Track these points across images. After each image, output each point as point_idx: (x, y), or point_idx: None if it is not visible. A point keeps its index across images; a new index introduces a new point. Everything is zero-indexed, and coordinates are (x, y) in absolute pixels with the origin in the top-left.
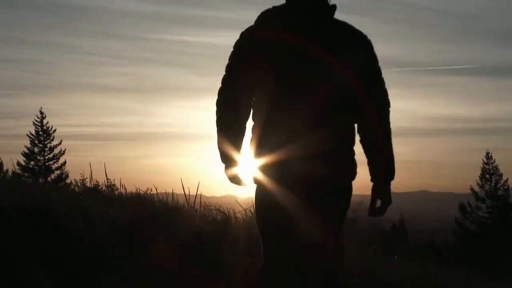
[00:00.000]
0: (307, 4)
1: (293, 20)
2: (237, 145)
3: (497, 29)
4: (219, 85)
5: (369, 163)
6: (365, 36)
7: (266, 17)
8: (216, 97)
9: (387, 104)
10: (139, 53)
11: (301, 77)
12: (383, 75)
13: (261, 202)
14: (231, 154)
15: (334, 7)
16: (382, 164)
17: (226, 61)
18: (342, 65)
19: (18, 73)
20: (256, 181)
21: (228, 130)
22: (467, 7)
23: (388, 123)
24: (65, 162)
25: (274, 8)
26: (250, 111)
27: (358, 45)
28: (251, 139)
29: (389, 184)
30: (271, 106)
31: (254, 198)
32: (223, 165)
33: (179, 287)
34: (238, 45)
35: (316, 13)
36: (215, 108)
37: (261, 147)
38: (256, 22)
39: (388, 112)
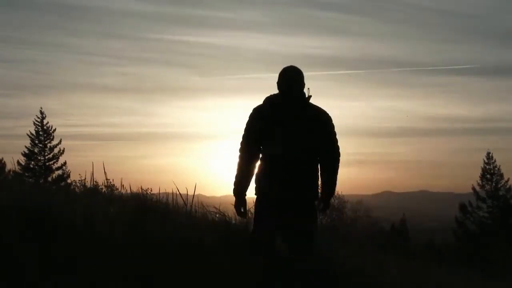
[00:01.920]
0: (292, 98)
1: (284, 104)
2: (247, 182)
3: (497, 29)
4: (219, 85)
5: (322, 184)
6: (327, 114)
7: (269, 100)
8: (214, 98)
9: (338, 154)
10: (139, 53)
11: (286, 135)
12: (385, 75)
13: (259, 193)
14: (241, 193)
15: (309, 98)
16: (329, 187)
17: (226, 62)
18: (311, 129)
19: (18, 73)
20: (257, 188)
21: (243, 184)
22: (467, 7)
23: (337, 164)
24: (65, 162)
25: (275, 95)
26: (259, 155)
27: (322, 119)
28: (259, 167)
29: (330, 197)
30: (270, 151)
31: (255, 196)
32: (234, 199)
33: (179, 286)
34: (251, 116)
35: (297, 102)
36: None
37: (263, 171)
38: (263, 102)
39: (338, 160)
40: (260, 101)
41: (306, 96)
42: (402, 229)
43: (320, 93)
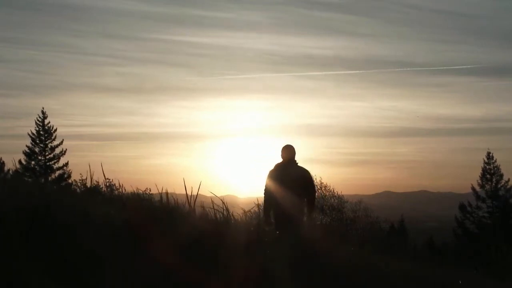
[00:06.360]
0: (288, 165)
1: (283, 167)
2: (270, 210)
3: (497, 29)
4: (219, 85)
5: (307, 208)
6: (308, 171)
7: (277, 166)
8: (214, 98)
9: (314, 194)
10: (139, 53)
11: (286, 182)
12: (385, 75)
13: (275, 215)
14: (268, 219)
15: (297, 163)
16: (310, 211)
17: (226, 62)
18: (299, 179)
19: (18, 73)
20: (273, 214)
21: (268, 209)
22: (467, 7)
23: (315, 199)
24: (67, 163)
25: (280, 163)
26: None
27: (304, 174)
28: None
29: (312, 214)
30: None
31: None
32: (264, 219)
33: (179, 286)
34: (268, 175)
35: (291, 166)
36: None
37: (276, 205)
38: (274, 167)
39: (315, 196)
40: (259, 101)
41: (297, 163)
42: (402, 229)
43: (320, 93)
